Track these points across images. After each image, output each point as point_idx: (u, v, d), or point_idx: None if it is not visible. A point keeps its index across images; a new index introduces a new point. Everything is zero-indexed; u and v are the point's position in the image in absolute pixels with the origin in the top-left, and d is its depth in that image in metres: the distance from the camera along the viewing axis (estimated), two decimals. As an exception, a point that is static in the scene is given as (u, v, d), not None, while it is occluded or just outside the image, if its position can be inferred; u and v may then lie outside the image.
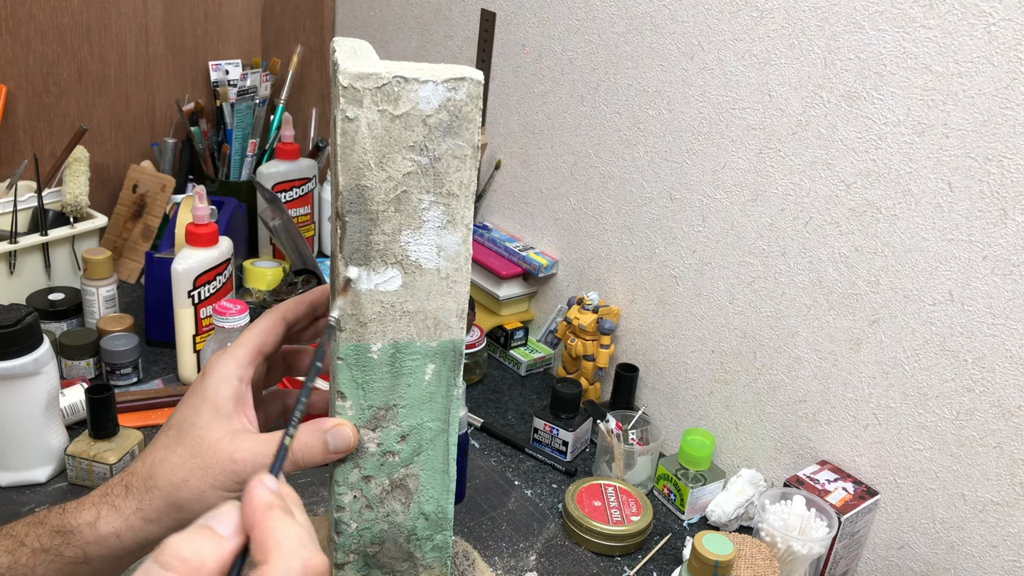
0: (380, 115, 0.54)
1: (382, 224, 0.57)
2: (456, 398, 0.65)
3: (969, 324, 0.83)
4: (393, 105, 0.55)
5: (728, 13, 0.99)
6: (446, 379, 0.64)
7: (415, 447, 0.65)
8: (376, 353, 0.61)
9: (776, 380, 1.02)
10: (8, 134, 1.39)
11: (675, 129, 1.08)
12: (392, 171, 0.56)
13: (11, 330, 0.89)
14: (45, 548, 0.55)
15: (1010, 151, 0.77)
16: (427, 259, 0.60)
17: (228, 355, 0.59)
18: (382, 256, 0.58)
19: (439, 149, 0.57)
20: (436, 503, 0.68)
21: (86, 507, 0.56)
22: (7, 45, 1.35)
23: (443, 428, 0.66)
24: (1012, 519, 0.83)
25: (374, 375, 0.61)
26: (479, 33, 1.37)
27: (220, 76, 1.58)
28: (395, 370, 0.62)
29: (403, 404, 0.63)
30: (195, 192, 1.13)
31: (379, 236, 0.58)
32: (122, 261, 1.44)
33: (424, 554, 0.70)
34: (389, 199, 0.57)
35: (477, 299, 1.35)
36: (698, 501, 1.03)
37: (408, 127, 0.56)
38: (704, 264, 1.08)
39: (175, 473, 0.55)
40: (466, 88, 0.56)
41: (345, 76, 0.52)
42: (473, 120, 0.57)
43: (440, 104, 0.56)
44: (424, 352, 0.62)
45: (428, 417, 0.65)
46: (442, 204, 0.59)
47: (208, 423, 0.56)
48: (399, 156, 0.56)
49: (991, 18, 0.77)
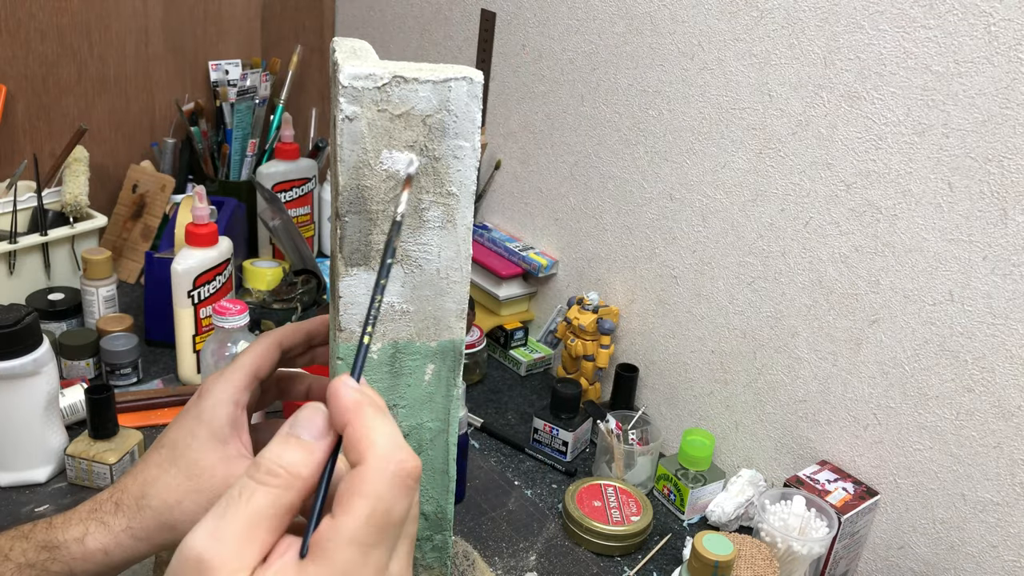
0: (380, 115, 0.54)
1: (382, 224, 0.57)
2: (456, 398, 0.65)
3: (969, 324, 0.83)
4: (393, 105, 0.55)
5: (728, 13, 0.99)
6: (446, 379, 0.64)
7: (415, 448, 0.65)
8: (376, 353, 0.61)
9: (776, 380, 1.02)
10: (8, 134, 1.39)
11: (675, 129, 1.08)
12: (393, 170, 0.56)
13: (11, 330, 0.89)
14: (31, 563, 0.55)
15: (1010, 151, 0.77)
16: (427, 259, 0.60)
17: (224, 378, 0.59)
18: (380, 256, 0.58)
19: (439, 149, 0.57)
20: (436, 503, 0.68)
21: (73, 523, 0.56)
22: (7, 45, 1.35)
23: (443, 428, 0.66)
24: (1012, 519, 0.83)
25: (374, 376, 0.61)
26: (479, 33, 1.37)
27: (220, 76, 1.58)
28: (395, 370, 0.62)
29: (403, 404, 0.63)
30: (195, 192, 1.13)
31: (379, 236, 0.58)
32: (122, 261, 1.44)
33: (424, 555, 0.70)
34: (389, 199, 0.57)
35: (477, 299, 1.35)
36: (698, 501, 1.03)
37: (408, 127, 0.56)
38: (704, 264, 1.08)
39: (169, 494, 0.55)
40: (466, 88, 0.56)
41: (345, 76, 0.52)
42: (473, 120, 0.57)
43: (440, 104, 0.56)
44: (424, 352, 0.62)
45: (428, 417, 0.65)
46: (442, 204, 0.59)
47: (203, 446, 0.56)
48: (401, 156, 0.56)
49: (991, 18, 0.77)
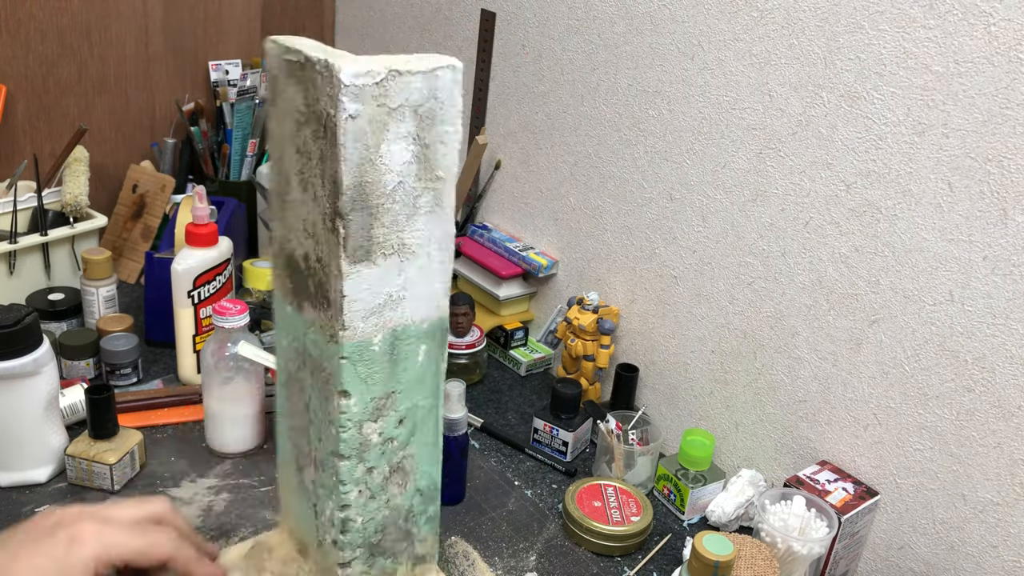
0: (379, 109, 0.55)
1: (382, 217, 0.58)
2: (443, 371, 0.67)
3: (969, 324, 0.83)
4: (390, 98, 0.55)
5: (728, 13, 0.99)
6: (435, 357, 0.66)
7: (411, 428, 0.67)
8: (376, 345, 0.61)
9: (776, 380, 1.02)
10: (8, 134, 1.39)
11: (675, 129, 1.08)
12: (391, 163, 0.57)
13: (11, 330, 0.89)
14: None
15: (1010, 151, 0.77)
16: (419, 243, 0.61)
17: (102, 543, 0.56)
18: (381, 248, 0.59)
19: (428, 136, 0.58)
20: (428, 477, 0.70)
21: None
22: (7, 45, 1.35)
23: (433, 404, 0.68)
24: (1012, 519, 0.83)
25: (375, 367, 0.62)
26: (479, 33, 1.37)
27: (220, 76, 1.58)
28: (393, 358, 0.63)
29: (400, 389, 0.64)
30: (195, 192, 1.13)
31: (379, 229, 0.58)
32: (122, 261, 1.44)
33: (419, 529, 0.71)
34: (387, 191, 0.57)
35: (477, 299, 1.35)
36: (698, 501, 1.03)
37: (404, 119, 0.56)
38: (704, 264, 1.08)
39: None
40: (450, 75, 0.57)
41: (347, 75, 0.52)
42: (456, 104, 0.58)
43: (429, 93, 0.57)
44: (417, 335, 0.64)
45: (421, 396, 0.66)
46: (432, 189, 0.60)
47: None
48: (397, 147, 0.57)
49: (991, 18, 0.77)
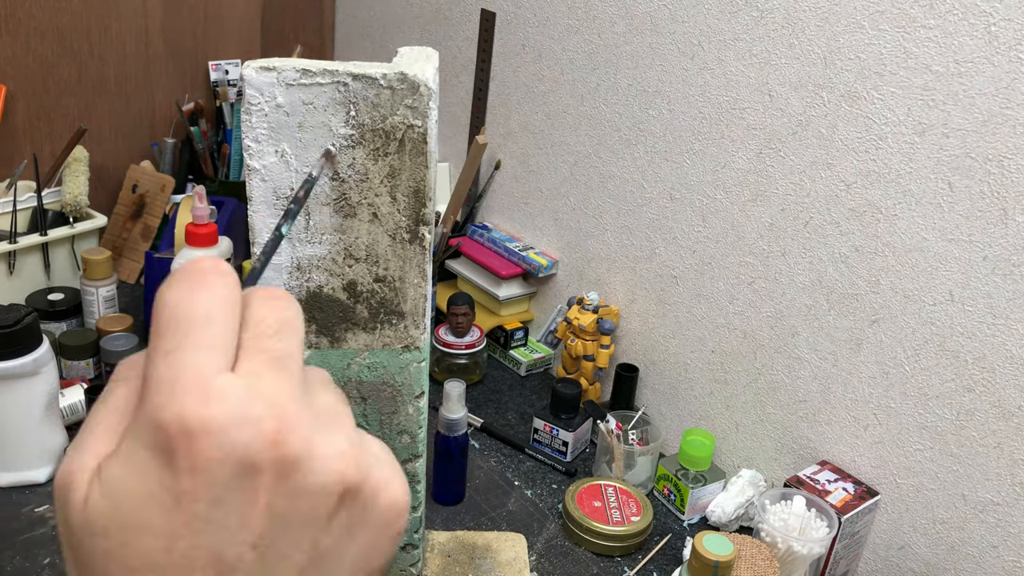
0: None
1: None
2: (426, 328, 0.68)
3: (969, 324, 0.83)
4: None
5: (728, 13, 0.99)
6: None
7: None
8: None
9: (776, 380, 1.02)
10: (8, 134, 1.39)
11: (675, 129, 1.08)
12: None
13: (11, 330, 0.89)
14: None
15: (1010, 151, 0.77)
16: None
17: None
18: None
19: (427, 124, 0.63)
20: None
21: None
22: (7, 45, 1.35)
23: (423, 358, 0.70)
24: (1012, 519, 0.83)
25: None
26: (479, 33, 1.37)
27: (220, 76, 1.58)
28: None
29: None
30: (195, 192, 1.13)
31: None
32: (122, 261, 1.44)
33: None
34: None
35: (477, 299, 1.35)
36: (698, 501, 1.03)
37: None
38: (704, 264, 1.08)
39: None
40: (434, 64, 0.64)
41: (432, 81, 0.60)
42: (437, 86, 0.64)
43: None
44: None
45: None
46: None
47: None
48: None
49: (991, 18, 0.76)
